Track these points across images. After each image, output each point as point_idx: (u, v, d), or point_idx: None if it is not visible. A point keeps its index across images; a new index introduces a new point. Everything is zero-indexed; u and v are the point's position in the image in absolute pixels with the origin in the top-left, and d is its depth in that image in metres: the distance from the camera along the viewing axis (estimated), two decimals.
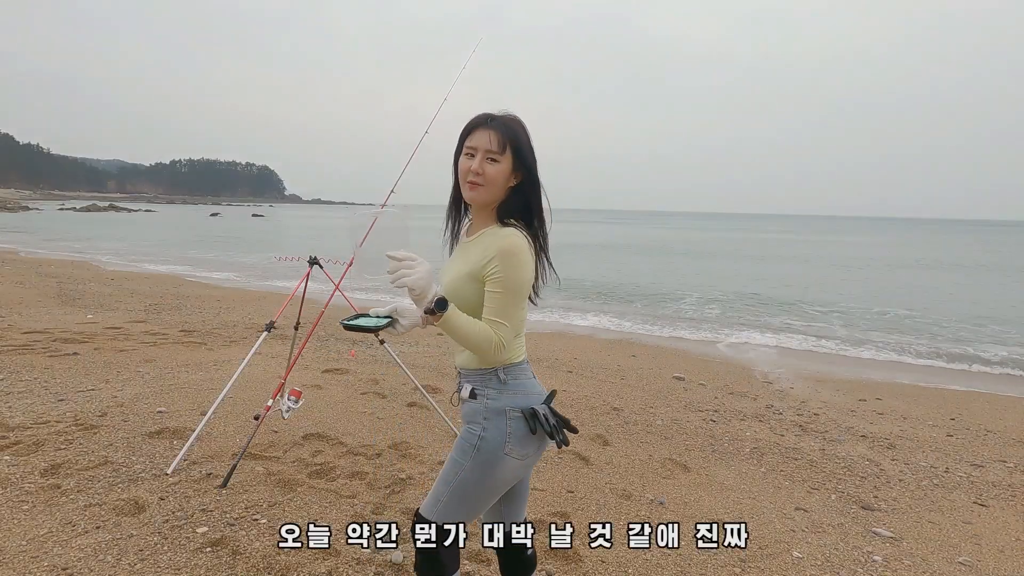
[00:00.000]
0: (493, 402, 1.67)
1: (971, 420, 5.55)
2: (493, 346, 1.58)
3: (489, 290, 1.60)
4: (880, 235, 70.11)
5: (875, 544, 3.09)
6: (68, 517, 2.75)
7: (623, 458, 4.04)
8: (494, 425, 1.66)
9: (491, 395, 1.68)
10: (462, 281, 1.65)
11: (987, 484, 4.01)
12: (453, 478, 1.68)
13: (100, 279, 12.16)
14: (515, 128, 1.65)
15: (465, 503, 1.69)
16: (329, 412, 4.50)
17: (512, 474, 1.70)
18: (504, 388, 1.68)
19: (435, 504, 1.70)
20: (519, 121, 1.68)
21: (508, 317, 1.59)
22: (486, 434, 1.66)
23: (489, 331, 1.58)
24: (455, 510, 1.68)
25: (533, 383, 1.75)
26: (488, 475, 1.66)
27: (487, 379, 1.69)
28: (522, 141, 1.65)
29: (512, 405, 1.67)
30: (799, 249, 38.21)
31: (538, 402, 1.71)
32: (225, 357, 5.98)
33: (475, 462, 1.66)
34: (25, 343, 5.91)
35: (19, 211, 54.64)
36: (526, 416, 1.67)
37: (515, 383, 1.70)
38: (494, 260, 1.58)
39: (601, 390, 5.84)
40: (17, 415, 3.94)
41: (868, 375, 7.55)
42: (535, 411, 1.67)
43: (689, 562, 2.76)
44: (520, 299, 1.62)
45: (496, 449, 1.65)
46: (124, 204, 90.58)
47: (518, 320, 1.64)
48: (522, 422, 1.66)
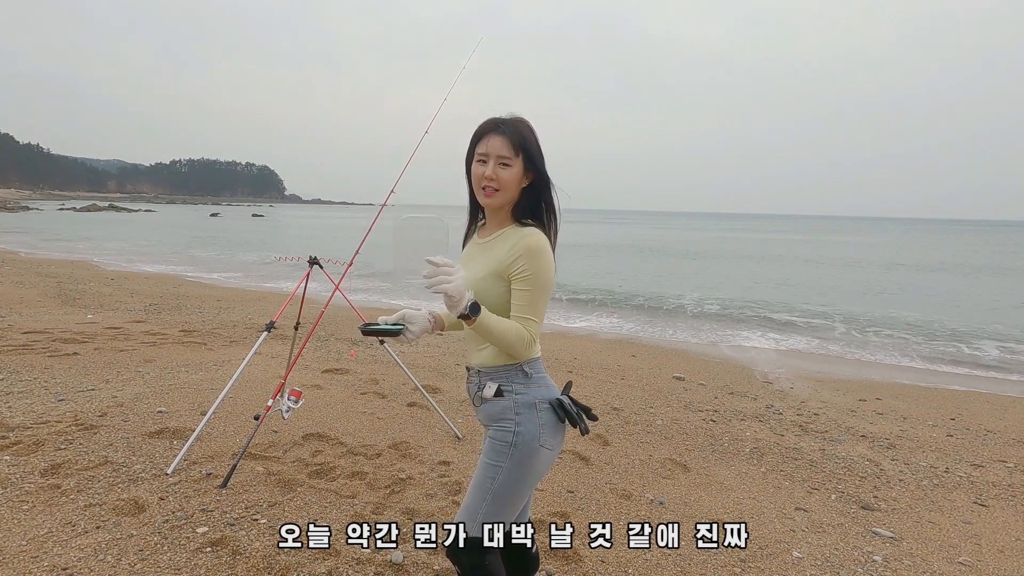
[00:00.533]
0: (522, 396, 1.71)
1: (971, 420, 5.55)
2: (525, 342, 1.63)
3: (517, 288, 1.64)
4: (880, 235, 70.11)
5: (875, 544, 3.09)
6: (68, 517, 2.75)
7: (623, 458, 4.04)
8: (527, 419, 1.69)
9: (519, 390, 1.71)
10: (487, 281, 1.68)
11: (987, 484, 4.01)
12: (491, 484, 1.68)
13: (100, 279, 12.16)
14: (523, 131, 1.69)
15: (506, 505, 1.70)
16: (329, 412, 4.50)
17: (545, 466, 1.73)
18: (530, 382, 1.72)
19: (474, 517, 1.69)
20: (526, 123, 1.72)
21: (537, 313, 1.65)
22: (521, 428, 1.68)
23: (520, 328, 1.62)
24: (495, 515, 1.69)
25: (548, 376, 1.80)
26: (526, 471, 1.69)
27: (512, 375, 1.72)
28: (531, 142, 1.69)
29: (540, 397, 1.71)
30: (799, 249, 38.21)
31: (558, 393, 1.76)
32: (225, 357, 5.99)
33: (512, 460, 1.67)
34: (25, 343, 5.91)
35: (19, 211, 54.63)
36: (554, 407, 1.71)
37: (539, 376, 1.74)
38: (520, 259, 1.63)
39: (601, 390, 5.84)
40: (17, 415, 3.94)
41: (868, 375, 7.55)
42: (561, 401, 1.72)
43: (689, 562, 2.76)
44: (547, 295, 1.67)
45: (532, 442, 1.68)
46: (124, 204, 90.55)
47: (543, 315, 1.69)
48: (551, 413, 1.71)
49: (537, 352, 1.75)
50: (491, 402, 1.73)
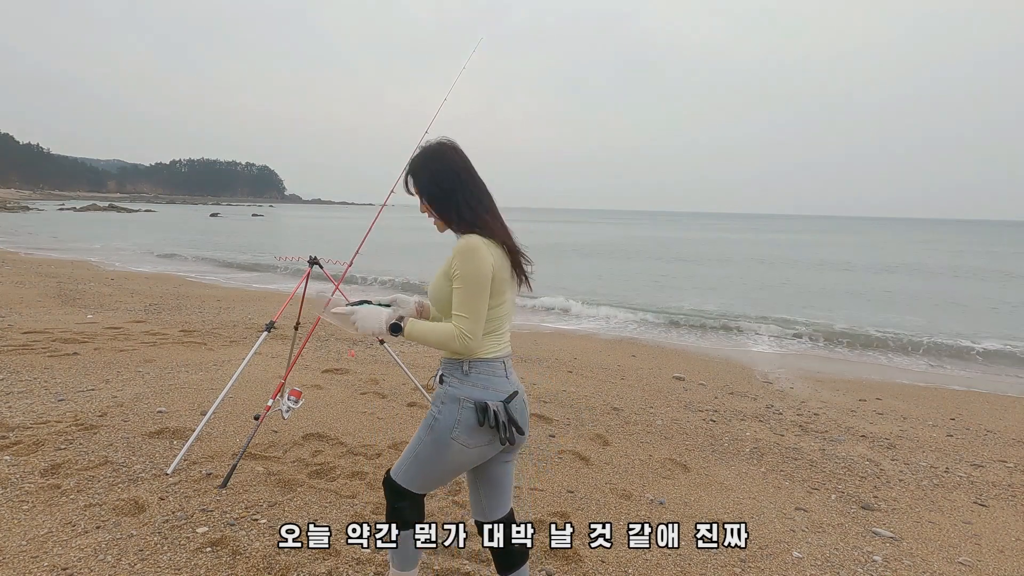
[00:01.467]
0: (453, 390, 1.82)
1: (971, 420, 5.55)
2: (455, 339, 1.75)
3: (454, 287, 1.78)
4: (881, 235, 70.11)
5: (875, 544, 3.09)
6: (68, 517, 2.75)
7: (623, 458, 4.04)
8: (448, 411, 1.81)
9: (453, 383, 1.83)
10: (440, 281, 1.84)
11: (987, 484, 4.01)
12: (416, 450, 1.87)
13: (100, 279, 12.16)
14: (411, 167, 1.92)
15: (421, 474, 1.88)
16: (329, 412, 4.50)
17: (459, 459, 1.83)
18: (465, 379, 1.82)
19: (399, 467, 1.92)
20: (416, 157, 1.92)
21: (468, 310, 1.75)
22: (440, 417, 1.82)
23: (450, 327, 1.76)
24: (413, 478, 1.89)
25: (503, 382, 1.85)
26: (438, 456, 1.83)
27: (453, 368, 1.85)
28: (417, 175, 1.90)
29: (467, 395, 1.80)
30: (799, 250, 38.21)
31: (497, 399, 1.81)
32: (225, 357, 5.99)
33: (430, 439, 1.83)
34: (25, 343, 5.92)
35: (19, 211, 54.64)
36: (477, 408, 1.79)
37: (478, 376, 1.83)
38: (454, 260, 1.77)
39: (601, 390, 5.85)
40: (17, 415, 3.94)
41: (868, 375, 7.55)
42: (486, 405, 1.79)
43: (689, 562, 2.76)
44: (478, 292, 1.75)
45: (444, 433, 1.80)
46: (124, 204, 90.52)
47: (481, 313, 1.76)
48: (473, 413, 1.79)
49: (488, 354, 1.83)
50: (437, 387, 1.91)
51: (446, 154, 1.90)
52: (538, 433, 4.41)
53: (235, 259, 20.31)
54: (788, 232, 72.86)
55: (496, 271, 1.78)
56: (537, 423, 4.65)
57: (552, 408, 5.09)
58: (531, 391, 5.58)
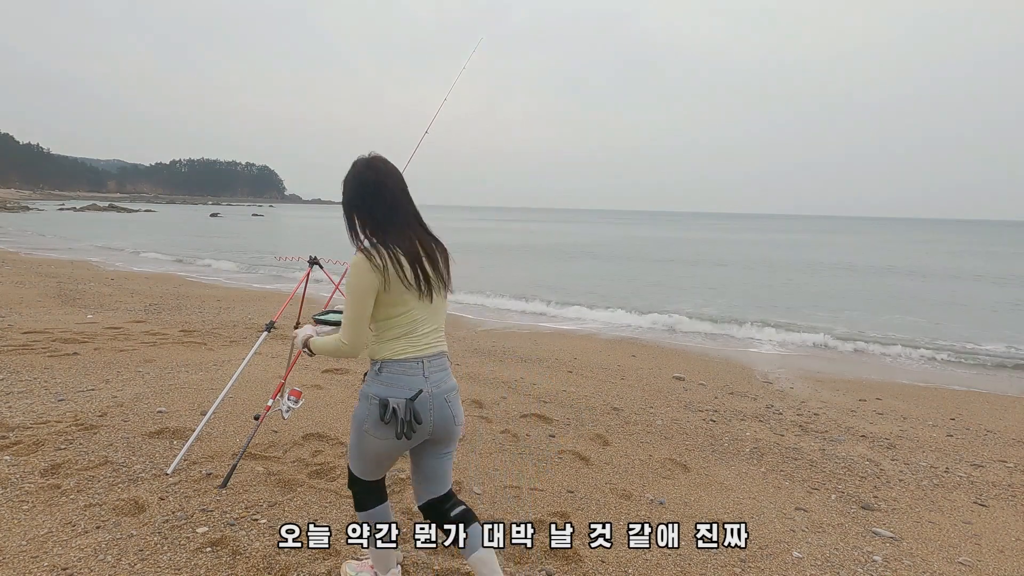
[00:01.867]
0: (365, 387, 2.03)
1: (971, 420, 5.55)
2: (340, 348, 1.97)
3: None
4: (881, 235, 70.09)
5: (875, 544, 3.09)
6: (68, 517, 2.75)
7: (623, 458, 4.04)
8: (361, 406, 2.03)
9: (368, 381, 2.03)
10: None
11: (987, 484, 4.01)
12: (350, 440, 2.11)
13: (100, 279, 12.16)
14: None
15: (357, 461, 2.12)
16: (329, 412, 4.50)
17: (376, 448, 2.03)
18: (375, 378, 2.00)
19: (349, 454, 2.15)
20: (346, 178, 2.04)
21: (347, 320, 1.94)
22: (356, 411, 2.05)
23: (336, 338, 1.99)
24: (355, 463, 2.14)
25: (413, 380, 1.98)
26: (359, 444, 2.06)
27: (371, 368, 2.05)
28: (343, 196, 2.04)
29: (375, 393, 1.98)
30: (799, 250, 38.21)
31: (402, 395, 1.95)
32: (225, 357, 5.99)
33: (352, 431, 2.07)
34: (25, 343, 5.92)
35: (19, 211, 54.65)
36: (380, 404, 1.95)
37: (388, 376, 1.98)
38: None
39: (601, 390, 5.84)
40: (17, 415, 3.94)
41: (868, 375, 7.55)
42: (387, 401, 1.94)
43: (689, 562, 2.76)
44: (353, 304, 1.92)
45: (359, 425, 2.02)
46: (124, 204, 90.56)
47: (357, 322, 1.93)
48: (377, 408, 1.96)
49: (391, 356, 1.98)
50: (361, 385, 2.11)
51: (356, 170, 2.02)
52: (538, 433, 4.41)
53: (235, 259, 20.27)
54: (788, 232, 72.86)
55: (390, 283, 1.90)
56: (537, 423, 4.65)
57: (552, 408, 5.09)
58: (531, 391, 5.58)
